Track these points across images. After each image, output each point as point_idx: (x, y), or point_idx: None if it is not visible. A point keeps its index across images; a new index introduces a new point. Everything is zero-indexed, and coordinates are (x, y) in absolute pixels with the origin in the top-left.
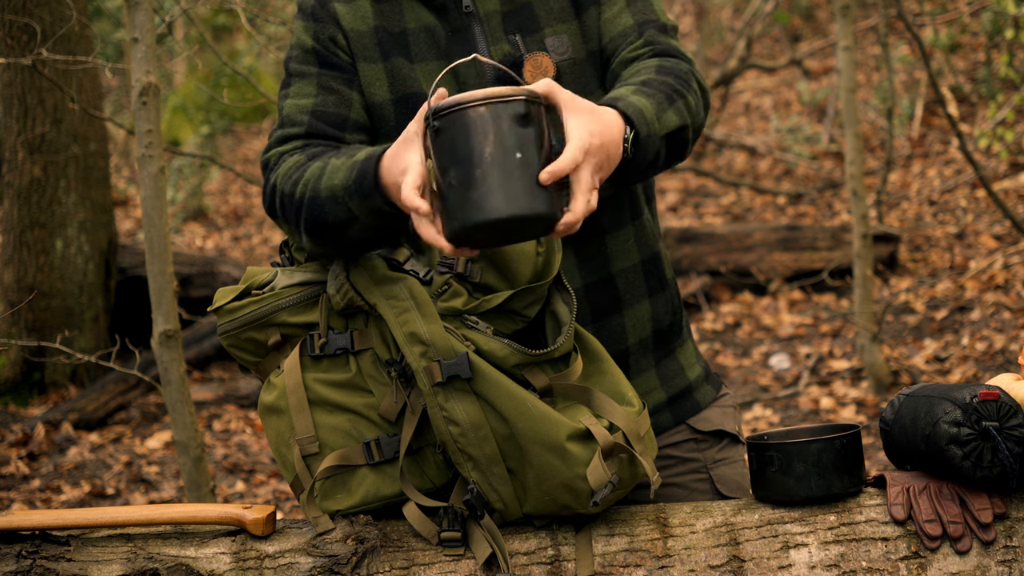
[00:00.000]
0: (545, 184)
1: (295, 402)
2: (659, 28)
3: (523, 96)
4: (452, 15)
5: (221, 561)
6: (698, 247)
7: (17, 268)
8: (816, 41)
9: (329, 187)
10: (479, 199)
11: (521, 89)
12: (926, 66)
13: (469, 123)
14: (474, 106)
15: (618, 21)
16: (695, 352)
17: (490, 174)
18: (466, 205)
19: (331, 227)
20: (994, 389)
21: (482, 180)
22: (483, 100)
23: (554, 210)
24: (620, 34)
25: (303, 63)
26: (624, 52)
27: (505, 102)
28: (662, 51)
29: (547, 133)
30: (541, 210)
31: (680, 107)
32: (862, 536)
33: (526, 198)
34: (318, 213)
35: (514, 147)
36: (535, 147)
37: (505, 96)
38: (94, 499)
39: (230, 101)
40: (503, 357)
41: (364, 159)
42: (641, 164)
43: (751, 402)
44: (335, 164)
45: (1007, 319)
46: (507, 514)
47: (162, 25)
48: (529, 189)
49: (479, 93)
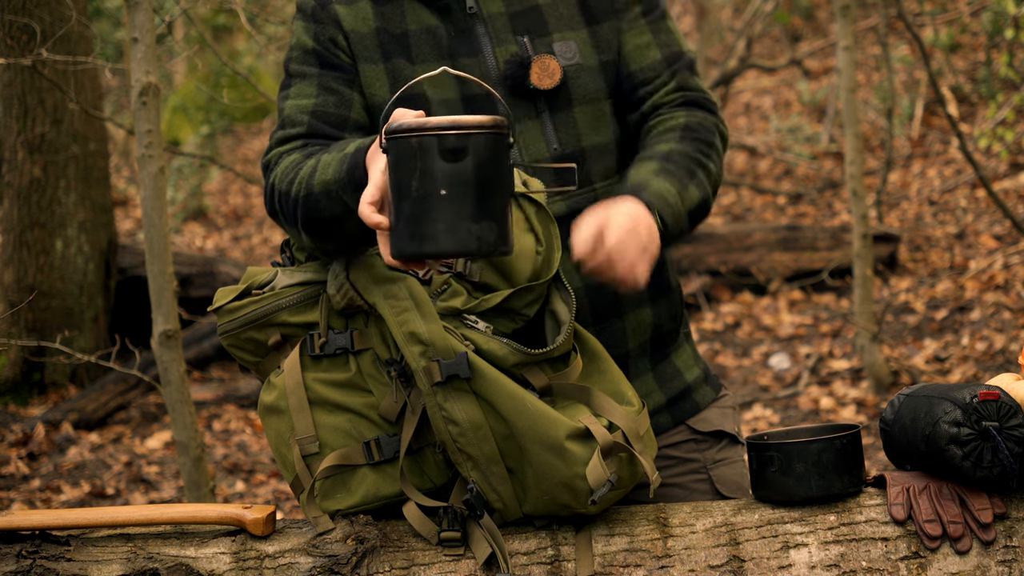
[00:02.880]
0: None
1: (295, 402)
2: (687, 66)
3: (455, 129)
4: (455, 16)
5: (221, 561)
6: (698, 247)
7: (17, 268)
8: (816, 41)
9: (322, 182)
10: (405, 230)
11: (459, 120)
12: (926, 66)
13: (401, 153)
14: (407, 136)
15: (647, 54)
16: (694, 353)
17: (414, 210)
18: (397, 231)
19: (327, 222)
20: (994, 389)
21: (406, 214)
22: (416, 131)
23: (482, 247)
24: (649, 68)
25: (303, 64)
26: (656, 96)
27: (434, 135)
28: (691, 100)
29: (498, 164)
30: (462, 249)
31: (701, 181)
32: (862, 536)
33: (447, 237)
34: (314, 209)
35: (440, 183)
36: (469, 183)
37: (434, 128)
38: (94, 499)
39: (230, 101)
40: (502, 356)
41: (354, 151)
42: (669, 245)
43: (751, 402)
44: (327, 159)
45: (1007, 319)
46: (507, 514)
47: (162, 25)
48: (450, 228)
49: (418, 122)
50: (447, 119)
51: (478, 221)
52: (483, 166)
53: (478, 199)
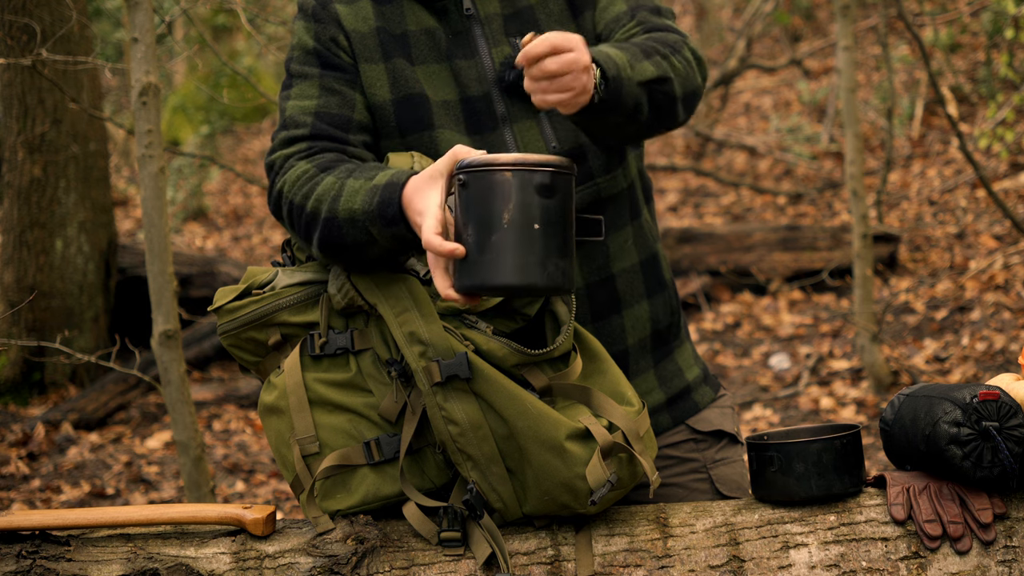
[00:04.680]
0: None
1: (295, 402)
2: (652, 10)
3: (551, 167)
4: (453, 17)
5: (221, 561)
6: (698, 247)
7: (17, 268)
8: (816, 41)
9: (348, 209)
10: (491, 263)
11: (551, 159)
12: (926, 66)
13: (493, 186)
14: (501, 170)
15: (611, 9)
16: (693, 353)
17: (506, 242)
18: (479, 265)
19: (349, 248)
20: (994, 389)
21: (497, 246)
22: (511, 165)
23: (564, 283)
24: (613, 19)
25: (305, 64)
26: (617, 35)
27: (532, 171)
28: (653, 27)
29: (571, 204)
30: (552, 283)
31: (659, 61)
32: (862, 536)
33: (538, 271)
34: (336, 234)
35: (534, 218)
36: (556, 219)
37: (533, 164)
38: (94, 499)
39: (230, 101)
40: (502, 357)
41: (385, 184)
42: (621, 107)
43: (751, 402)
44: (352, 186)
45: (1007, 319)
46: (507, 514)
47: (162, 25)
48: (537, 263)
49: (509, 157)
50: (533, 157)
51: (561, 256)
52: (566, 204)
53: (563, 236)
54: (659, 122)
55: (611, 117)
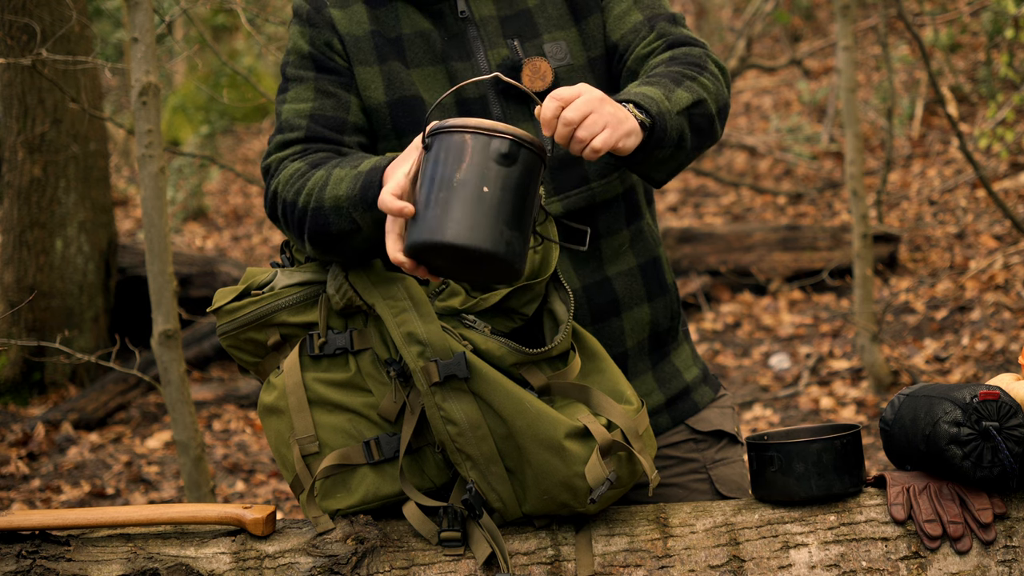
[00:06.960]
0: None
1: (295, 402)
2: (669, 20)
3: (511, 136)
4: (448, 20)
5: (221, 561)
6: (698, 247)
7: (17, 268)
8: (816, 41)
9: (333, 197)
10: (435, 219)
11: (518, 131)
12: (926, 66)
13: (451, 146)
14: (460, 131)
15: (628, 19)
16: (692, 353)
17: (452, 199)
18: (424, 221)
19: (335, 237)
20: (994, 389)
21: (442, 202)
22: (472, 128)
23: (510, 255)
24: (631, 30)
25: (300, 68)
26: (638, 48)
27: (490, 136)
28: (675, 41)
29: (533, 183)
30: (495, 250)
31: (690, 85)
32: (862, 536)
33: (479, 232)
34: (322, 223)
35: (486, 180)
36: (511, 189)
37: (493, 131)
38: (94, 499)
39: (230, 101)
40: (501, 356)
41: (368, 170)
42: (667, 140)
43: (751, 402)
44: (338, 174)
45: (1007, 319)
46: (506, 513)
47: (162, 25)
48: (486, 225)
49: (474, 121)
50: (500, 125)
51: (512, 228)
52: (526, 179)
53: (515, 208)
54: (701, 143)
55: (660, 152)
